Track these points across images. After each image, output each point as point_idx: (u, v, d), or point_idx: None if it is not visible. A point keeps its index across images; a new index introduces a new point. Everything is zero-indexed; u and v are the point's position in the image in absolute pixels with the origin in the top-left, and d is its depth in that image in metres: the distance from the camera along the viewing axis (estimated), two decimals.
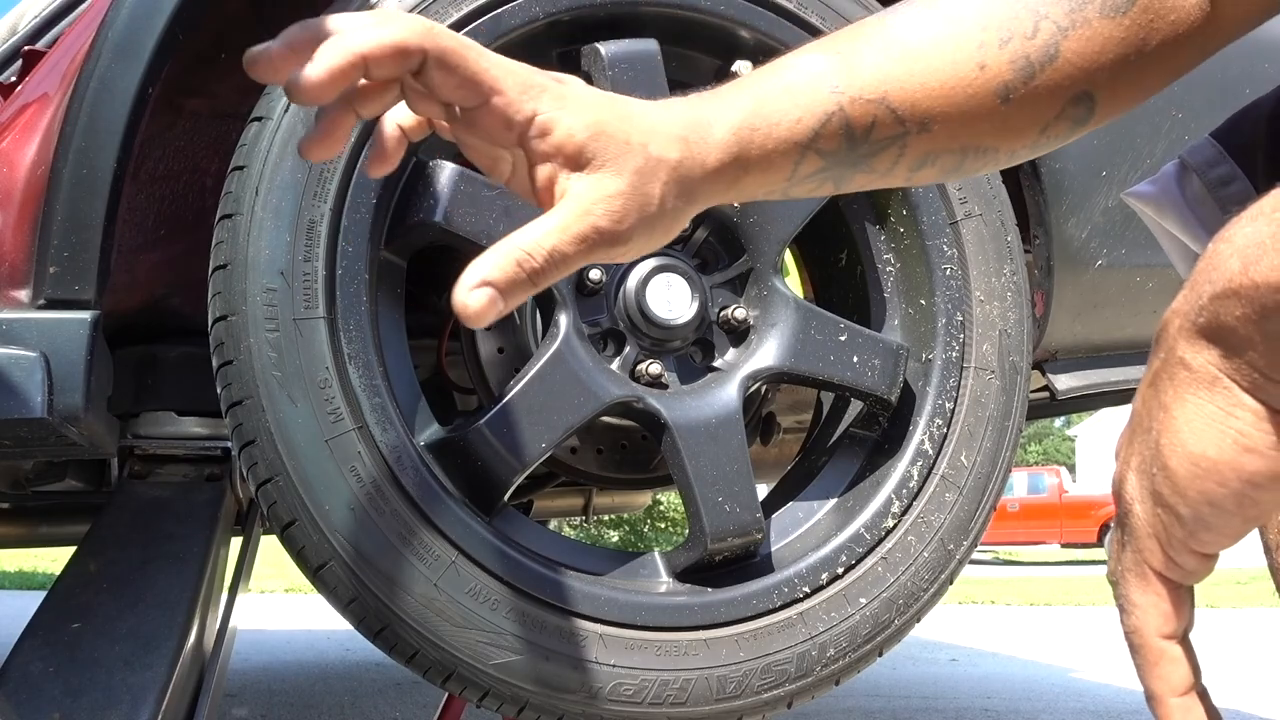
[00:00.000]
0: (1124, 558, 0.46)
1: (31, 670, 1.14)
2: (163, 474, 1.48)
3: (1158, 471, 0.44)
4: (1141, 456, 0.45)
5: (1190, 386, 0.43)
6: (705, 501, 1.16)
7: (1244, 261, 0.40)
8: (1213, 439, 0.42)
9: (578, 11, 1.18)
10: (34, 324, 1.09)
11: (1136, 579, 0.46)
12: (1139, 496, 0.45)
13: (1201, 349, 0.42)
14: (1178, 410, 0.43)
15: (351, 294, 1.08)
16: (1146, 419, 0.45)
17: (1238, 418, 0.42)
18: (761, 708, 1.15)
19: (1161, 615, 0.46)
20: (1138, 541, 0.46)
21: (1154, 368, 0.45)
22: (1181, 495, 0.43)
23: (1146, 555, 0.45)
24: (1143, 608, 0.46)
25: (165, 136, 1.42)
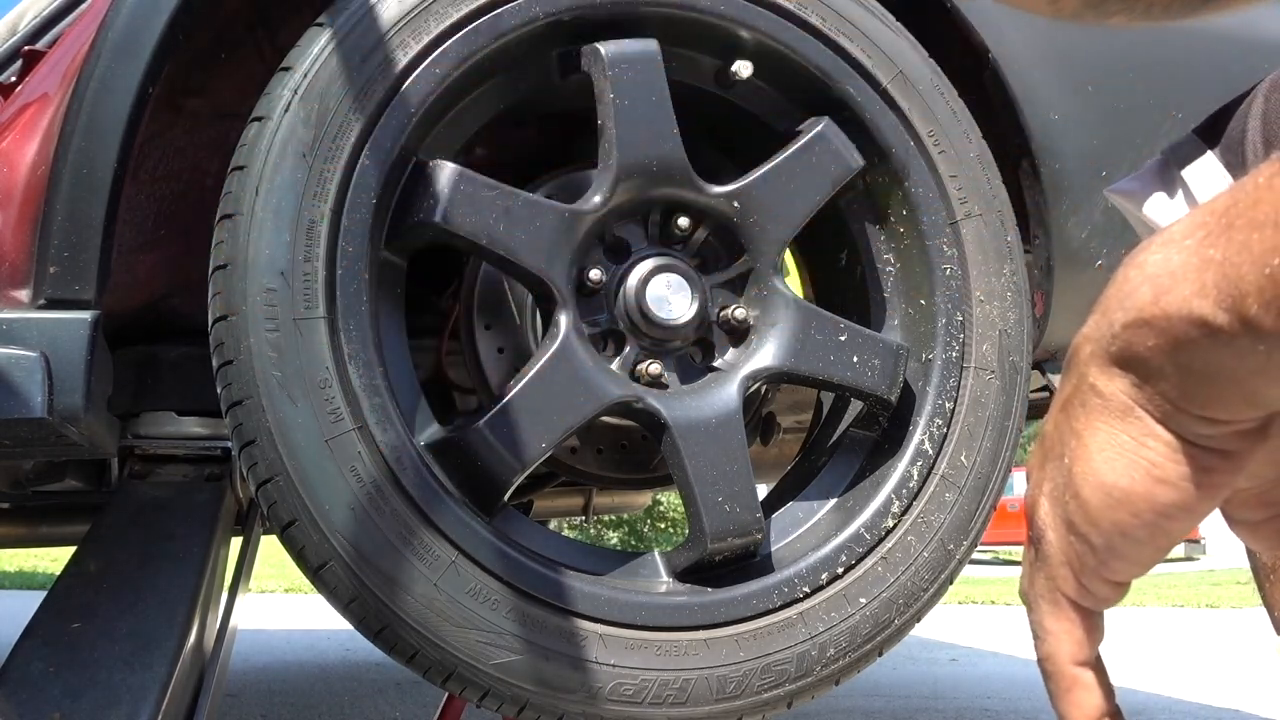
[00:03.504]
0: (1037, 582, 0.47)
1: (31, 670, 1.14)
2: (163, 474, 1.48)
3: (1070, 499, 0.44)
4: (1054, 483, 0.45)
5: (1102, 415, 0.42)
6: (705, 501, 1.16)
7: (1155, 291, 0.40)
8: (1125, 469, 0.42)
9: (578, 11, 1.18)
10: (34, 324, 1.09)
11: (1050, 606, 0.46)
12: (1051, 524, 0.45)
13: (1114, 377, 0.42)
14: (1090, 438, 0.43)
15: (351, 294, 1.08)
16: (1059, 445, 0.45)
17: (1150, 448, 0.41)
18: (761, 708, 1.15)
19: (1074, 642, 0.46)
20: (1050, 568, 0.46)
21: (1065, 392, 0.45)
22: (1094, 524, 0.43)
23: (1060, 582, 0.45)
24: (1055, 635, 0.46)
25: (165, 136, 1.42)
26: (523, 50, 1.19)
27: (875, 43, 1.28)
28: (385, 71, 1.11)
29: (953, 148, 1.30)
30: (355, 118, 1.09)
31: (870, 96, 1.28)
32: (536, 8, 1.17)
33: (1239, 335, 0.37)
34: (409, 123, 1.12)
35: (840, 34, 1.27)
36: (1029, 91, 1.38)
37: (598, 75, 1.18)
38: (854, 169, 1.27)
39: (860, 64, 1.27)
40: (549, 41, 1.20)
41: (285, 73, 1.10)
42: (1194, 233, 0.39)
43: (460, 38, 1.14)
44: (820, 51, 1.26)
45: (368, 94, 1.10)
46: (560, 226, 1.16)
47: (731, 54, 1.26)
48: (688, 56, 1.26)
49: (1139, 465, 0.42)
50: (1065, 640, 0.46)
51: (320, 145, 1.08)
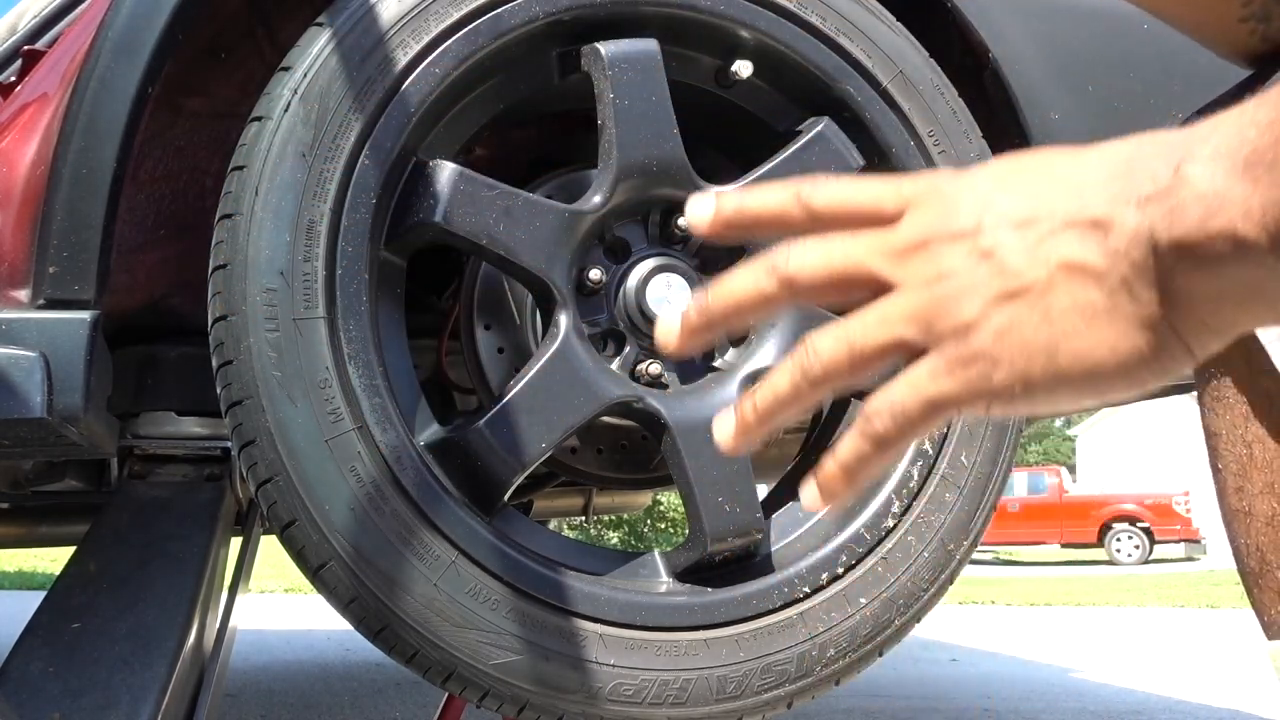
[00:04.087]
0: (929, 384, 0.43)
1: (31, 670, 1.14)
2: (163, 474, 1.48)
3: (1035, 355, 0.42)
4: (1017, 318, 0.42)
5: (1117, 303, 0.41)
6: (705, 502, 1.16)
7: (1203, 212, 0.38)
8: (1111, 353, 0.41)
9: (578, 11, 1.18)
10: (34, 324, 1.08)
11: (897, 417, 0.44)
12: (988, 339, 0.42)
13: (1146, 286, 0.40)
14: (1088, 320, 0.41)
15: (351, 294, 1.08)
16: (1044, 292, 0.42)
17: (1149, 346, 0.41)
18: (761, 708, 1.15)
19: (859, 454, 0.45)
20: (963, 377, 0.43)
21: (1085, 253, 0.41)
22: (1044, 381, 0.42)
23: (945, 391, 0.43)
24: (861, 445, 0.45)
25: (165, 136, 1.41)
26: (523, 50, 1.19)
27: (875, 42, 1.28)
28: (385, 71, 1.11)
29: (953, 148, 1.30)
30: (355, 117, 1.09)
31: (870, 96, 1.28)
32: (536, 8, 1.17)
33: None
34: (409, 122, 1.12)
35: (840, 34, 1.27)
36: (1029, 91, 1.38)
37: (598, 75, 1.18)
38: (854, 169, 1.27)
39: (860, 64, 1.27)
40: (549, 41, 1.20)
41: (285, 72, 1.10)
42: (1240, 147, 0.38)
43: (460, 37, 1.14)
44: (820, 51, 1.26)
45: (368, 94, 1.10)
46: (560, 226, 1.16)
47: (731, 54, 1.26)
48: (688, 56, 1.26)
49: (1131, 355, 0.41)
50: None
51: (320, 145, 1.08)
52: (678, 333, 0.48)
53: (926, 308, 0.43)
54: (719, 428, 0.48)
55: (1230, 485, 0.69)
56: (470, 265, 1.27)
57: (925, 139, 1.29)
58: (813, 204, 0.46)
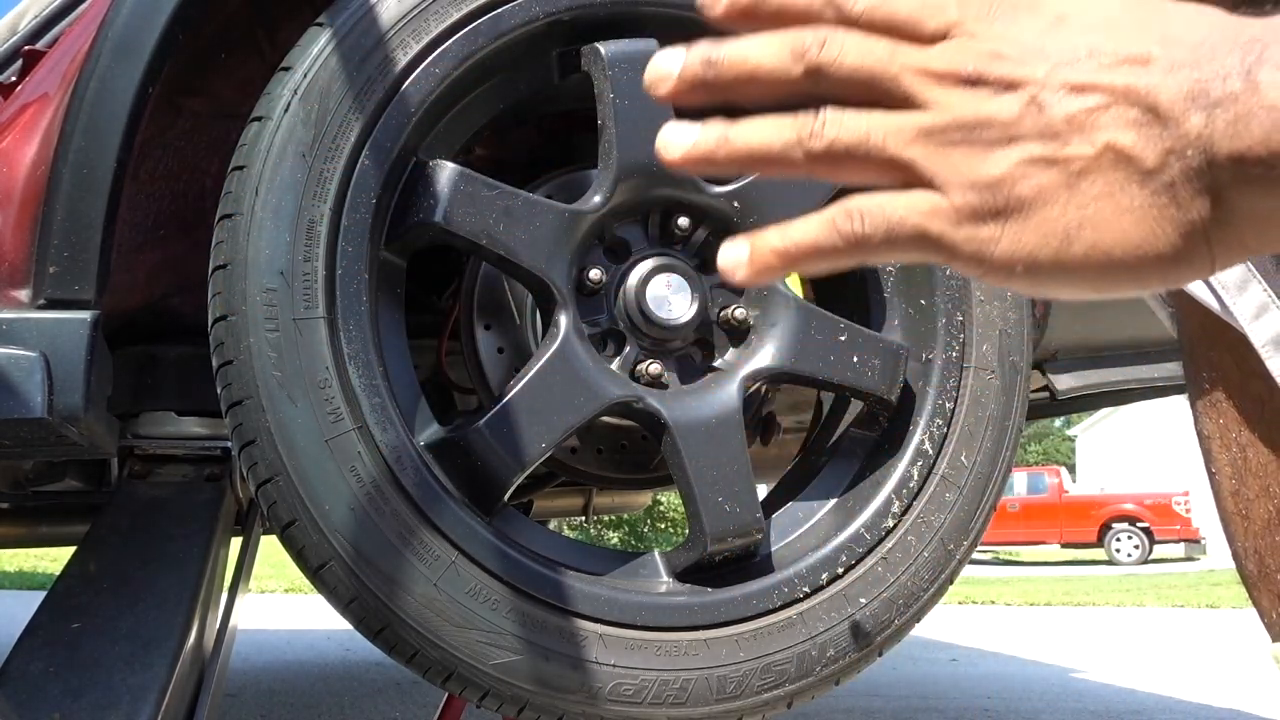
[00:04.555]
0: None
1: (31, 670, 1.14)
2: (163, 474, 1.48)
3: (1072, 237, 0.39)
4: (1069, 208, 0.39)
5: (1161, 203, 0.38)
6: (705, 501, 1.16)
7: (1270, 124, 0.36)
8: (1147, 248, 0.38)
9: (578, 11, 1.18)
10: (34, 324, 1.08)
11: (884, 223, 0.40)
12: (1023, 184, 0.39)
13: (1196, 195, 0.38)
14: (1128, 214, 0.38)
15: (351, 294, 1.08)
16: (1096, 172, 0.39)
17: (1185, 246, 0.38)
18: (761, 708, 1.15)
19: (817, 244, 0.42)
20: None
21: (1142, 145, 0.38)
22: (1057, 269, 0.39)
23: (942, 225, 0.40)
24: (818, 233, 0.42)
25: (165, 136, 1.41)
26: (523, 50, 1.19)
27: None
28: (385, 71, 1.11)
29: None
30: (355, 117, 1.09)
31: None
32: (536, 8, 1.17)
33: None
34: (409, 123, 1.12)
35: None
36: None
37: (598, 75, 1.18)
38: None
39: None
40: (549, 41, 1.20)
41: (285, 72, 1.10)
42: None
43: (460, 38, 1.14)
44: None
45: (368, 94, 1.10)
46: (560, 226, 1.16)
47: None
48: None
49: (1153, 256, 0.39)
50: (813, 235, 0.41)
51: (320, 145, 1.08)
52: (671, 78, 0.44)
53: (954, 144, 0.40)
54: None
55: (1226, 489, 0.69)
56: (470, 265, 1.27)
57: None
58: (848, 7, 0.42)
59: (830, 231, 0.41)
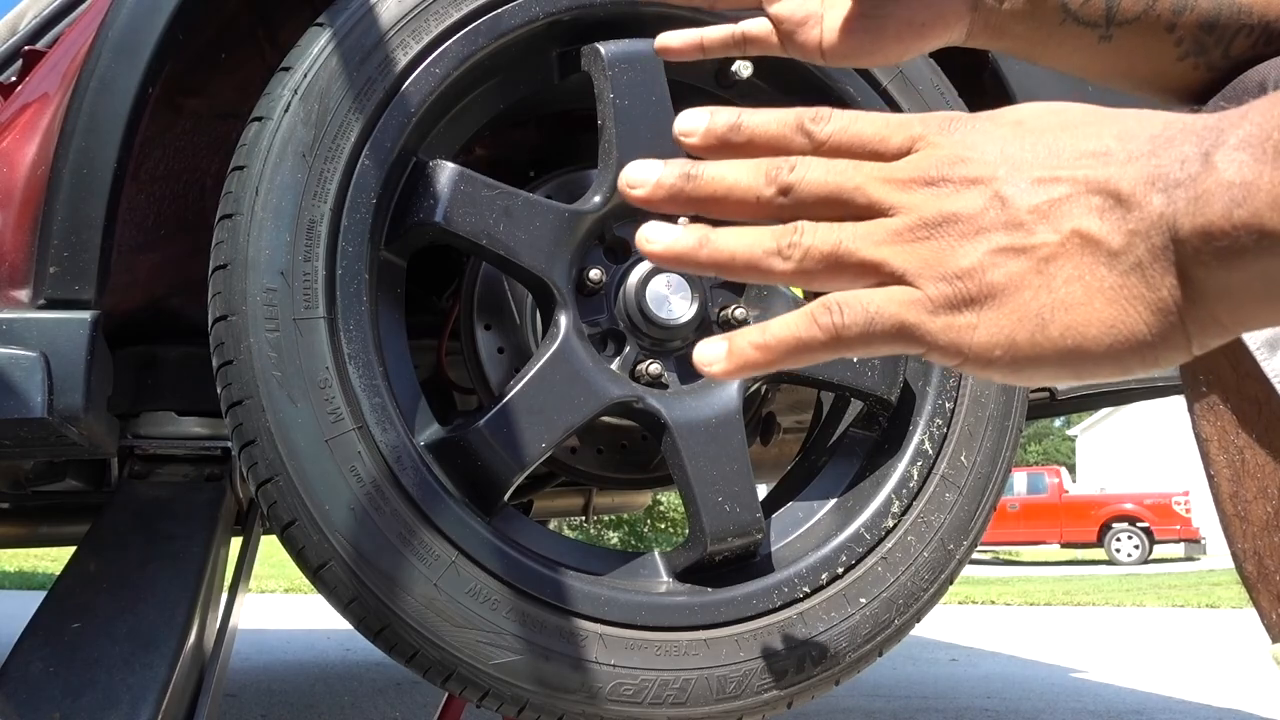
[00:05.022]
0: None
1: (31, 670, 1.14)
2: (163, 474, 1.48)
3: (1043, 319, 0.40)
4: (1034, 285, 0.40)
5: (1132, 282, 0.39)
6: (705, 501, 1.16)
7: (1228, 203, 0.37)
8: (1116, 338, 0.39)
9: (578, 11, 1.18)
10: (34, 324, 1.09)
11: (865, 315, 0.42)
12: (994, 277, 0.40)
13: (1164, 273, 0.39)
14: (1099, 296, 0.39)
15: (351, 294, 1.08)
16: (1064, 255, 0.40)
17: (1155, 332, 0.39)
18: (761, 708, 1.15)
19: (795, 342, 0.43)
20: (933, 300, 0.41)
21: (1106, 231, 0.40)
22: (1036, 353, 0.40)
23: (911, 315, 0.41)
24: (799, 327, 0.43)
25: (165, 136, 1.42)
26: (523, 50, 1.19)
27: None
28: (385, 71, 1.11)
29: None
30: (355, 118, 1.09)
31: (870, 96, 1.28)
32: (536, 8, 1.17)
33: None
34: (409, 123, 1.12)
35: None
36: (1029, 91, 1.38)
37: (598, 75, 1.18)
38: None
39: None
40: (549, 41, 1.20)
41: (285, 73, 1.10)
42: (1270, 134, 0.37)
43: (460, 38, 1.14)
44: None
45: (368, 94, 1.10)
46: (560, 226, 1.16)
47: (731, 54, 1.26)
48: None
49: (1129, 338, 0.39)
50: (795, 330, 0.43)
51: (320, 145, 1.08)
52: (648, 187, 0.46)
53: (922, 240, 0.41)
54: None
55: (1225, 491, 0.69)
56: (470, 265, 1.28)
57: None
58: (817, 131, 0.45)
59: (810, 325, 0.42)
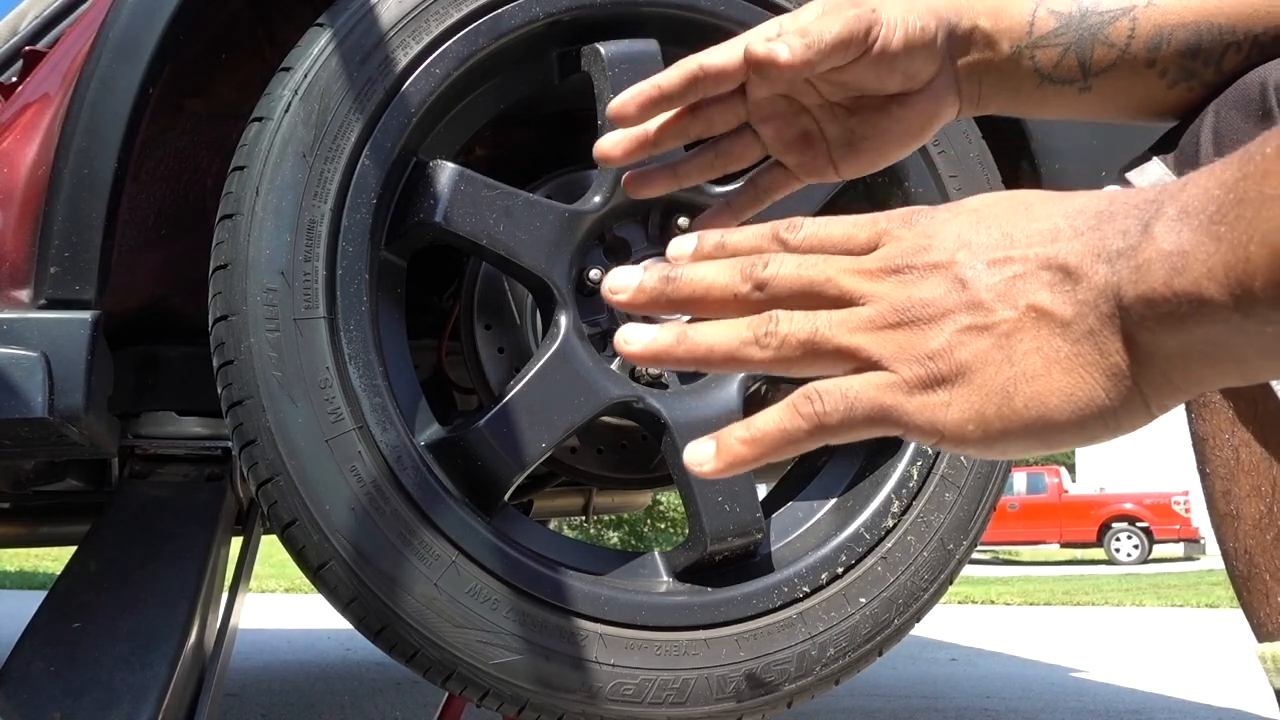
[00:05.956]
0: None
1: (32, 670, 1.14)
2: (163, 474, 1.48)
3: (1007, 395, 0.42)
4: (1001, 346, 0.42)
5: (1084, 352, 0.42)
6: (705, 501, 1.16)
7: (1168, 271, 0.39)
8: (1076, 410, 0.42)
9: (578, 12, 1.18)
10: (35, 324, 1.09)
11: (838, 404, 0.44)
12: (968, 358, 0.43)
13: (1111, 338, 0.41)
14: (1057, 368, 0.42)
15: (351, 294, 1.09)
16: (1023, 332, 0.42)
17: (1113, 401, 0.41)
18: (761, 707, 1.15)
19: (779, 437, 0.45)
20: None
21: (1058, 303, 0.42)
22: (1005, 425, 0.42)
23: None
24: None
25: (166, 136, 1.42)
26: (523, 50, 1.19)
27: None
28: (386, 72, 1.11)
29: (952, 148, 1.30)
30: (355, 118, 1.10)
31: None
32: (536, 8, 1.17)
33: (1247, 317, 0.37)
34: (409, 123, 1.12)
35: None
36: None
37: (598, 75, 1.18)
38: None
39: None
40: (549, 41, 1.20)
41: (285, 73, 1.11)
42: (1205, 206, 0.39)
43: (460, 38, 1.14)
44: None
45: (368, 94, 1.10)
46: (560, 226, 1.16)
47: None
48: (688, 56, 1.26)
49: (1088, 405, 0.41)
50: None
51: (320, 145, 1.08)
52: (629, 292, 0.49)
53: (893, 326, 0.44)
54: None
55: (1218, 489, 0.69)
56: (470, 265, 1.28)
57: None
58: (790, 239, 0.48)
59: (793, 416, 0.44)
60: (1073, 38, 0.67)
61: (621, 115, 0.68)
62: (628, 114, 0.68)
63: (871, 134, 0.71)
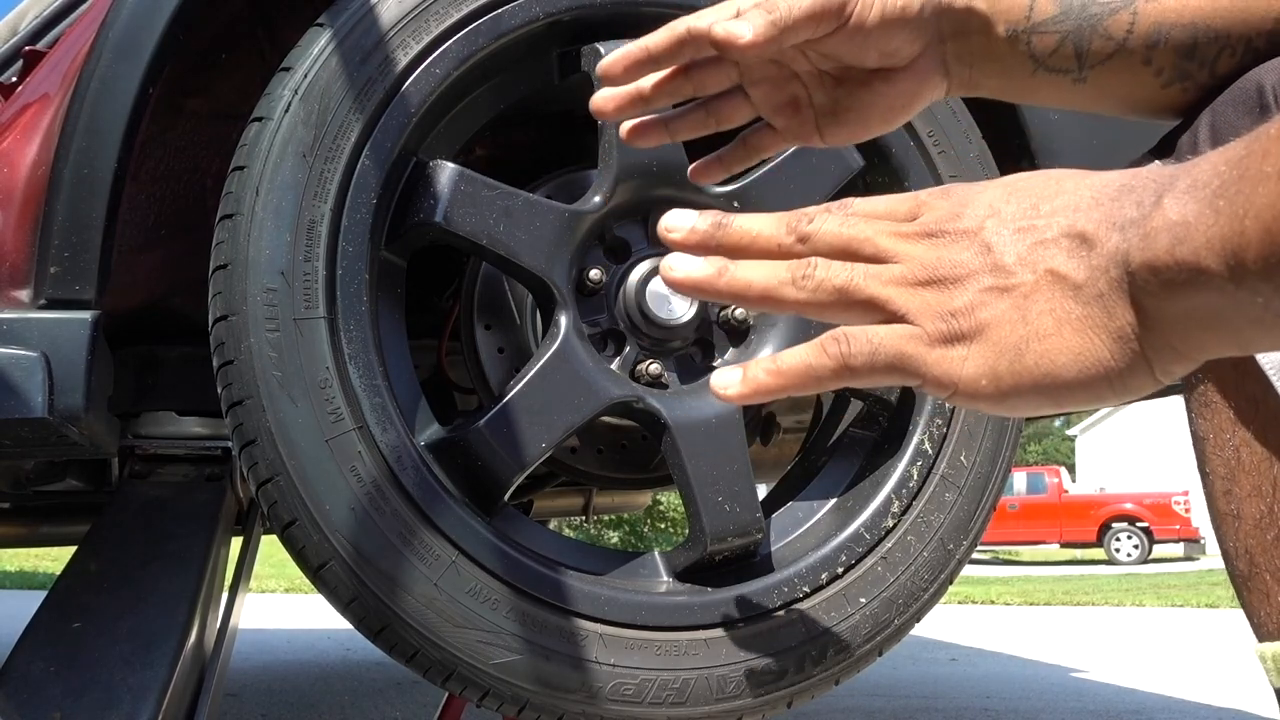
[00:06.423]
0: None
1: (32, 670, 1.14)
2: (163, 474, 1.48)
3: (1019, 355, 0.45)
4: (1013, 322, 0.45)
5: (1094, 313, 0.44)
6: (705, 501, 1.16)
7: (1171, 240, 0.41)
8: (1085, 370, 0.44)
9: (578, 11, 1.18)
10: (35, 324, 1.09)
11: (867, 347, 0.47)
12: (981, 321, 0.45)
13: (1120, 304, 0.43)
14: (1069, 329, 0.44)
15: (351, 294, 1.09)
16: (1042, 295, 0.45)
17: (1119, 362, 0.44)
18: (761, 707, 1.15)
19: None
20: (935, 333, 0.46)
21: (1072, 266, 0.45)
22: (1016, 381, 0.45)
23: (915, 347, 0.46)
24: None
25: (166, 136, 1.42)
26: (523, 50, 1.19)
27: None
28: (385, 72, 1.11)
29: (952, 148, 1.30)
30: (355, 118, 1.09)
31: None
32: (536, 8, 1.17)
33: (1239, 287, 0.39)
34: (409, 123, 1.12)
35: None
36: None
37: (598, 75, 1.18)
38: (854, 169, 1.27)
39: None
40: (549, 41, 1.20)
41: (285, 73, 1.11)
42: (1210, 181, 0.41)
43: (460, 38, 1.14)
44: None
45: (368, 94, 1.10)
46: (560, 226, 1.16)
47: None
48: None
49: (1095, 365, 0.44)
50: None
51: (320, 145, 1.08)
52: (683, 232, 0.52)
53: (922, 284, 0.46)
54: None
55: (1218, 489, 0.69)
56: (470, 265, 1.28)
57: (925, 139, 1.29)
58: (844, 213, 0.51)
59: (820, 354, 0.47)
60: (1071, 26, 0.68)
61: (609, 74, 0.71)
62: (615, 74, 0.71)
63: (855, 106, 0.73)
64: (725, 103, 0.76)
